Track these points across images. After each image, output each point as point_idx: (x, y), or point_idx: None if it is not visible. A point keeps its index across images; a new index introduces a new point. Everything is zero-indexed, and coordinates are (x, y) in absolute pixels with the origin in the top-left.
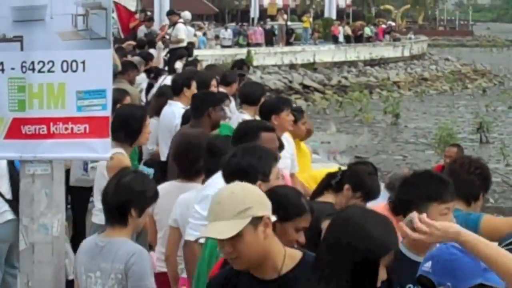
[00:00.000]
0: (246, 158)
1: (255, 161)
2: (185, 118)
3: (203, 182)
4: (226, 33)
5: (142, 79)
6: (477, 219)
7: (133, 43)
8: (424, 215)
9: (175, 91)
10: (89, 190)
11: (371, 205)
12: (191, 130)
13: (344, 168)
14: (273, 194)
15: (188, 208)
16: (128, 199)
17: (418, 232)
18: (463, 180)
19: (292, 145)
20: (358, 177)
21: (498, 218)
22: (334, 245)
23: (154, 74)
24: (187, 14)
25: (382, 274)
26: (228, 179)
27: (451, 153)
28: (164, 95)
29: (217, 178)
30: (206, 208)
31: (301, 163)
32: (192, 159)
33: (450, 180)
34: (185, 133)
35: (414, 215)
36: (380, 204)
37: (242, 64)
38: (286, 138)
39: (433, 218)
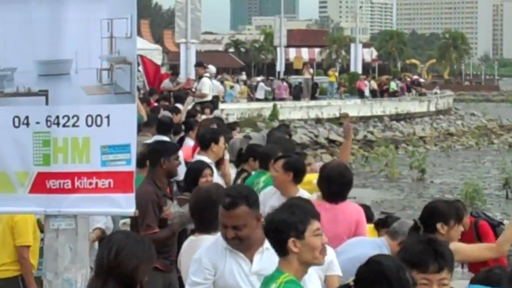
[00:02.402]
0: (279, 213)
1: (288, 216)
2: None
3: None
4: (261, 87)
5: None
6: None
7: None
8: None
9: (202, 145)
10: None
11: None
12: (209, 185)
13: None
14: (372, 263)
15: None
16: None
17: None
18: None
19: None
20: None
21: None
22: None
23: (185, 127)
24: (212, 69)
25: None
26: (266, 235)
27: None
28: None
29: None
30: (195, 273)
31: None
32: (210, 214)
33: (447, 250)
34: (203, 189)
35: None
36: None
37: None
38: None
39: None
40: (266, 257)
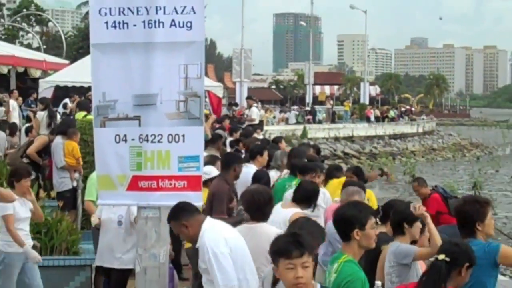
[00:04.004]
0: (350, 210)
1: (356, 212)
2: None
3: None
4: (291, 115)
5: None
6: (497, 247)
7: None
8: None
9: (251, 156)
10: None
11: None
12: (259, 187)
13: None
14: (461, 245)
15: None
16: None
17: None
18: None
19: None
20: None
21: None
22: None
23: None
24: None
25: None
26: (335, 225)
27: (414, 187)
28: None
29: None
30: None
31: None
32: (261, 208)
33: (305, 240)
34: (255, 190)
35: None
36: None
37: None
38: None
39: (281, 272)
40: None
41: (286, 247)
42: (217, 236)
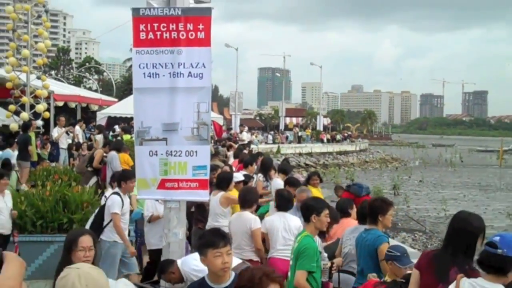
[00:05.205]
0: (311, 201)
1: (315, 203)
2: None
3: None
4: (270, 137)
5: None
6: (381, 241)
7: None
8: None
9: (244, 166)
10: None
11: None
12: (246, 187)
13: None
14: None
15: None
16: None
17: None
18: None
19: None
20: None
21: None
22: None
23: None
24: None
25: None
26: (301, 211)
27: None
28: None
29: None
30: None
31: None
32: (246, 200)
33: (226, 234)
34: (244, 187)
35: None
36: None
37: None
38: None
39: (210, 259)
40: None
41: (213, 239)
42: (188, 262)
